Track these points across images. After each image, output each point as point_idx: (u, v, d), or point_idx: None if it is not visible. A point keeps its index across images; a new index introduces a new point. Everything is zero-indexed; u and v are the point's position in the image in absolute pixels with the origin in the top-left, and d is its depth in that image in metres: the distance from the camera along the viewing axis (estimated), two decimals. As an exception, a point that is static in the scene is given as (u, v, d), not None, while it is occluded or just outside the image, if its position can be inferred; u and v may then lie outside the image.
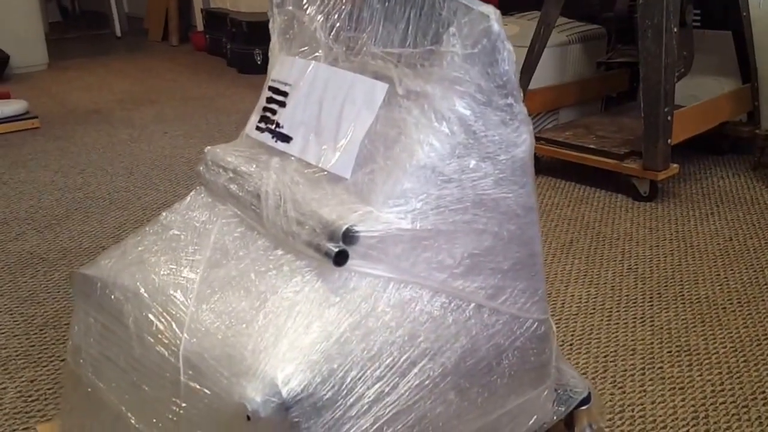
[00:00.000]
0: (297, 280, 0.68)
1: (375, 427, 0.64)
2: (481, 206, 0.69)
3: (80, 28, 5.70)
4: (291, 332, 0.63)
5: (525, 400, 0.80)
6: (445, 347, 0.69)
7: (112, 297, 0.77)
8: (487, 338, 0.73)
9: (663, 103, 1.89)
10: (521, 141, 0.68)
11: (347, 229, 0.64)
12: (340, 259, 0.64)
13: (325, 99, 0.73)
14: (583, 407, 0.91)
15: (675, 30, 1.86)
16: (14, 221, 2.00)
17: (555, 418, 0.87)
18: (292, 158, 0.76)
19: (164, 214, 0.85)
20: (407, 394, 0.66)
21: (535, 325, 0.77)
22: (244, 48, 3.79)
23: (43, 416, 1.16)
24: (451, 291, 0.70)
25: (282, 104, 0.79)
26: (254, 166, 0.78)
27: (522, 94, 0.65)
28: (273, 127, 0.79)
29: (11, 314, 1.50)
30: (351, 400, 0.62)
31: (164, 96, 3.49)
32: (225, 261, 0.73)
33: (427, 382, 0.68)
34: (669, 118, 1.91)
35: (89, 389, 0.79)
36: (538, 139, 2.19)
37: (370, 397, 0.64)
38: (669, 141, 1.94)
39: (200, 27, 4.60)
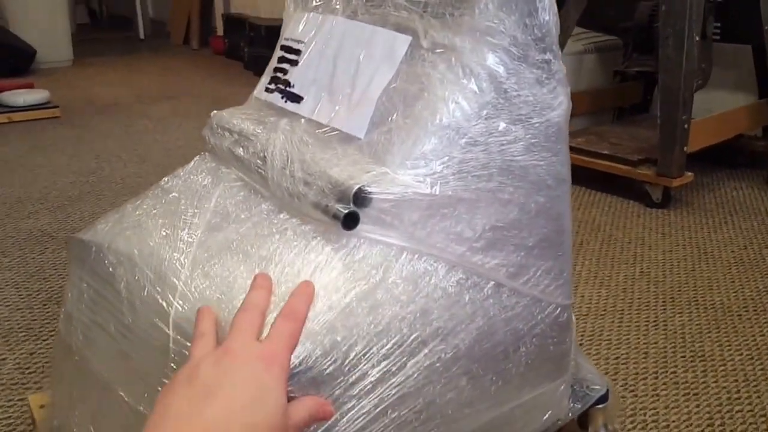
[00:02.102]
0: (301, 246, 0.61)
1: (378, 409, 0.58)
2: (509, 174, 0.63)
3: (106, 30, 5.99)
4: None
5: (540, 394, 0.74)
6: (459, 328, 0.63)
7: (106, 262, 0.71)
8: (505, 321, 0.66)
9: (681, 111, 1.86)
10: (557, 104, 0.62)
11: (359, 189, 0.58)
12: (350, 222, 0.58)
13: (341, 55, 0.67)
14: (600, 406, 0.85)
15: (697, 38, 1.83)
16: (28, 201, 2.05)
17: (570, 415, 0.80)
18: (303, 119, 0.70)
19: (166, 178, 0.79)
20: (415, 375, 0.60)
21: (557, 311, 0.71)
22: (261, 52, 3.82)
23: (39, 388, 1.17)
24: (470, 266, 0.64)
25: (294, 63, 0.73)
26: (261, 127, 0.72)
27: (560, 51, 0.59)
28: (283, 87, 0.74)
29: (17, 288, 1.52)
30: (353, 377, 0.56)
31: (181, 93, 3.60)
32: (225, 224, 0.67)
33: (437, 364, 0.62)
34: (686, 125, 1.88)
35: (77, 358, 0.74)
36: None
37: (374, 376, 0.57)
38: (685, 148, 1.90)
39: (220, 31, 4.74)
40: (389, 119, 0.62)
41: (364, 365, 0.57)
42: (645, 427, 1.11)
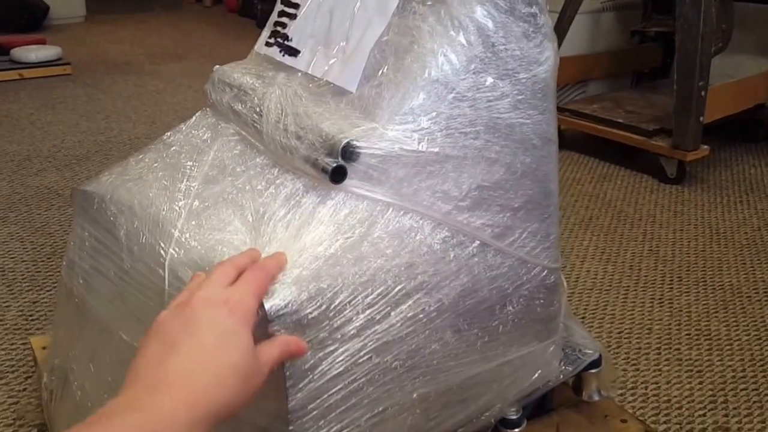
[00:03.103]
0: (292, 200, 0.63)
1: (362, 352, 0.60)
2: (495, 132, 0.63)
3: (120, -13, 5.97)
4: (280, 249, 0.59)
5: (529, 353, 0.75)
6: (443, 283, 0.64)
7: (108, 211, 0.74)
8: (490, 280, 0.67)
9: (698, 76, 1.78)
10: (544, 59, 0.62)
11: (347, 143, 0.59)
12: (338, 176, 0.60)
13: (337, 7, 0.68)
14: (593, 371, 0.85)
15: (715, -1, 1.75)
16: (36, 158, 2.09)
17: (561, 377, 0.81)
18: (299, 73, 0.71)
19: (168, 133, 0.82)
20: (399, 324, 0.62)
21: (544, 273, 0.72)
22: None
23: (41, 333, 1.21)
24: (455, 225, 0.65)
25: (293, 16, 0.74)
26: (260, 82, 0.73)
27: (547, 5, 0.59)
28: (282, 40, 0.75)
29: (22, 242, 1.57)
30: (338, 322, 0.58)
31: (192, 53, 3.60)
32: (221, 177, 0.69)
33: (421, 315, 0.63)
34: (703, 93, 1.80)
35: (77, 301, 0.77)
36: (562, 110, 2.11)
37: (359, 322, 0.59)
38: (702, 119, 1.84)
39: None
40: (380, 73, 0.63)
41: (349, 312, 0.59)
42: (645, 400, 1.11)
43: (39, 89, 2.81)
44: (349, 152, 0.60)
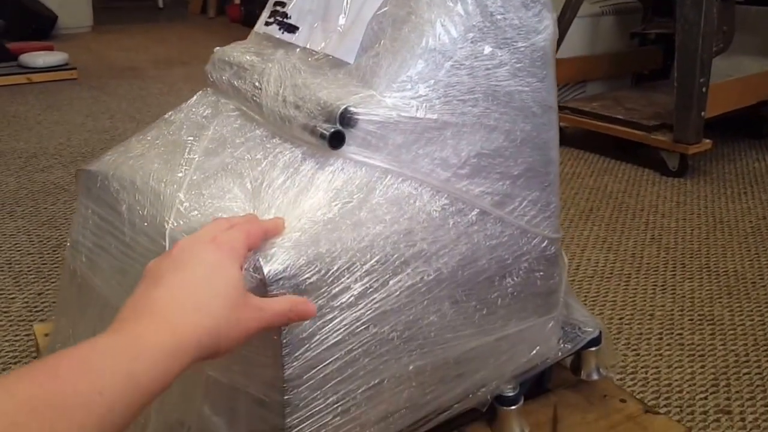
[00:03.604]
0: (291, 168, 0.63)
1: (360, 322, 0.60)
2: (494, 99, 0.64)
3: (127, -1, 6.12)
4: (278, 215, 0.59)
5: (528, 328, 0.75)
6: (442, 251, 0.64)
7: (110, 188, 0.74)
8: (489, 249, 0.68)
9: (699, 74, 1.80)
10: (543, 27, 0.62)
11: (345, 110, 0.60)
12: (336, 141, 0.60)
13: (335, -19, 0.68)
14: (593, 349, 0.85)
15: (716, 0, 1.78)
16: (43, 155, 2.14)
17: (560, 354, 0.81)
18: (298, 48, 0.72)
19: (170, 112, 0.82)
20: (397, 294, 0.62)
21: (544, 243, 0.72)
22: (276, 19, 3.85)
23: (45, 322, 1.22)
24: (454, 192, 0.65)
25: (292, -6, 0.74)
26: (259, 58, 0.74)
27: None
28: (281, 18, 0.75)
29: (29, 235, 1.60)
30: (336, 289, 0.58)
31: (196, 60, 3.69)
32: (221, 149, 0.70)
33: (420, 284, 0.63)
34: (704, 89, 1.83)
35: (80, 280, 0.77)
36: (562, 108, 2.13)
37: (357, 290, 0.59)
38: (703, 113, 1.85)
39: (237, 0, 4.81)
40: (378, 44, 0.64)
41: (347, 279, 0.59)
42: (645, 384, 1.11)
43: (47, 92, 2.89)
44: (346, 118, 0.60)
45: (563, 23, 2.13)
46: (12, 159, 2.08)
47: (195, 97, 0.83)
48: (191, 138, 0.74)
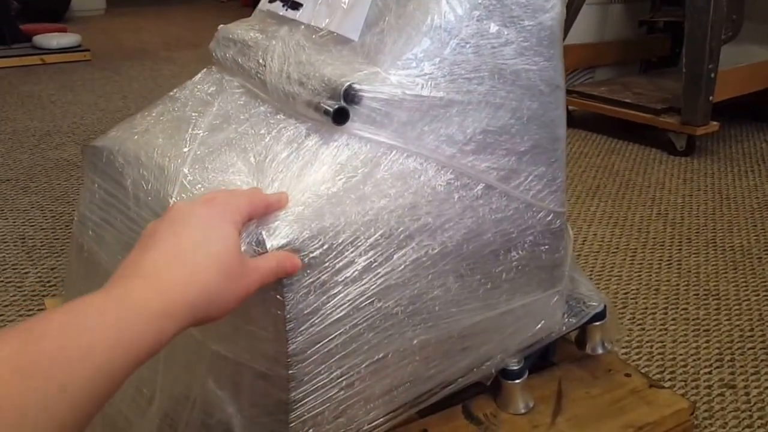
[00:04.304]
0: (295, 143, 0.63)
1: (364, 297, 0.60)
2: (500, 78, 0.63)
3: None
4: (282, 189, 0.59)
5: (532, 302, 0.76)
6: (447, 225, 0.65)
7: (116, 163, 0.75)
8: (495, 222, 0.68)
9: (707, 60, 1.80)
10: (550, 6, 0.61)
11: (349, 86, 0.60)
12: (340, 117, 0.60)
13: (339, -44, 0.67)
14: (597, 323, 0.86)
15: (726, -13, 1.76)
16: (57, 134, 2.19)
17: (565, 329, 0.82)
18: (302, 26, 0.71)
19: (175, 90, 0.82)
20: (402, 268, 0.62)
21: (549, 217, 0.72)
22: (288, 1, 3.89)
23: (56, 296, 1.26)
24: (459, 167, 0.65)
25: (295, -30, 0.74)
26: (263, 36, 0.74)
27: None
28: (284, -6, 0.75)
29: (42, 210, 1.63)
30: (340, 264, 0.59)
31: (207, 41, 3.61)
32: (225, 125, 0.70)
33: (424, 258, 0.63)
34: (712, 75, 1.83)
35: (86, 255, 0.78)
36: (570, 92, 2.14)
37: (361, 264, 0.60)
38: (711, 98, 1.86)
39: None
40: (382, 21, 0.63)
41: (351, 253, 0.59)
42: (650, 358, 1.11)
43: (60, 73, 2.94)
44: (351, 95, 0.60)
45: (571, 11, 2.12)
46: (26, 137, 2.11)
47: (200, 74, 0.83)
48: (195, 114, 0.74)
